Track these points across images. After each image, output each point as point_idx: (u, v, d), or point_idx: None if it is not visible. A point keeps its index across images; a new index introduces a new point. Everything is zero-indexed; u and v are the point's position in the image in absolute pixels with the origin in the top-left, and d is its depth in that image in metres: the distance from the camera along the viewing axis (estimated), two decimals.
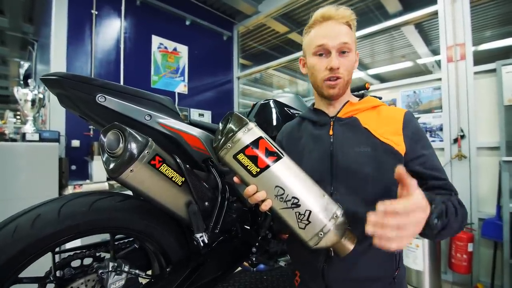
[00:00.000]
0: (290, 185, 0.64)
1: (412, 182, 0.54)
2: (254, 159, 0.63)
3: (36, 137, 2.33)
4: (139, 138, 0.74)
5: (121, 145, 0.71)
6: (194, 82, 4.18)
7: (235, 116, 0.67)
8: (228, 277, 1.21)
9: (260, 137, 0.64)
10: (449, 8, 2.54)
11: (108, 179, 2.89)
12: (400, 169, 0.55)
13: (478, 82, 2.39)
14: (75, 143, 2.97)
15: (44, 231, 0.71)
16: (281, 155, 0.65)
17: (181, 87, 4.02)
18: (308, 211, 0.63)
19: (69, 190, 2.53)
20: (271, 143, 0.66)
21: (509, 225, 2.03)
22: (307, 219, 0.64)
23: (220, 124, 0.71)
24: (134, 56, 3.51)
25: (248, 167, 0.64)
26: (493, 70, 2.27)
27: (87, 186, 2.68)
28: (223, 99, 4.65)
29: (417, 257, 2.33)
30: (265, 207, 0.65)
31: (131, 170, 0.71)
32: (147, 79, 3.66)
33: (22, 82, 2.77)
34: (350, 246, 0.67)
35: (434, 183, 0.77)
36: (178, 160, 0.83)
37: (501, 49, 2.88)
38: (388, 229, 0.50)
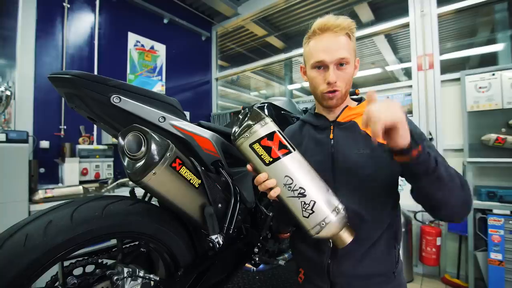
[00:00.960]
0: (299, 176, 0.70)
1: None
2: (268, 149, 0.69)
3: (2, 137, 2.13)
4: (160, 141, 0.73)
5: (143, 148, 0.70)
6: (172, 82, 4.08)
7: (254, 111, 0.73)
8: (232, 278, 1.21)
9: (275, 131, 0.71)
10: (419, 21, 2.76)
11: (81, 183, 2.73)
12: (371, 94, 0.63)
13: (444, 90, 2.63)
14: (44, 144, 2.75)
15: (58, 239, 0.67)
16: (293, 149, 0.72)
17: (159, 87, 3.90)
18: (313, 201, 0.69)
19: (40, 194, 2.34)
20: (285, 138, 0.72)
21: (473, 219, 2.25)
22: (311, 209, 0.69)
23: (240, 116, 0.76)
24: (109, 53, 3.33)
25: (262, 156, 0.69)
26: (458, 79, 2.51)
27: (59, 190, 2.50)
28: (201, 100, 4.59)
29: None
30: (274, 193, 0.70)
31: (154, 173, 0.70)
32: (123, 77, 3.50)
33: None
34: (348, 239, 0.73)
35: None
36: (195, 162, 0.82)
37: (460, 59, 3.19)
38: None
